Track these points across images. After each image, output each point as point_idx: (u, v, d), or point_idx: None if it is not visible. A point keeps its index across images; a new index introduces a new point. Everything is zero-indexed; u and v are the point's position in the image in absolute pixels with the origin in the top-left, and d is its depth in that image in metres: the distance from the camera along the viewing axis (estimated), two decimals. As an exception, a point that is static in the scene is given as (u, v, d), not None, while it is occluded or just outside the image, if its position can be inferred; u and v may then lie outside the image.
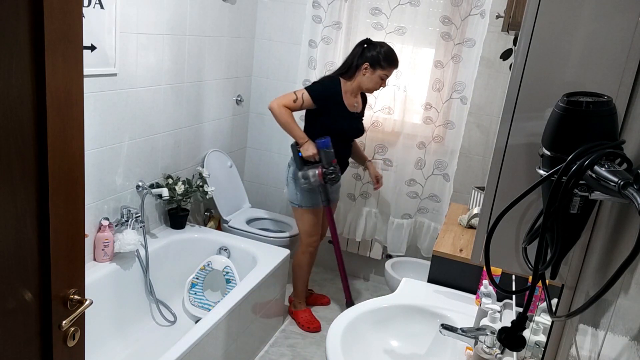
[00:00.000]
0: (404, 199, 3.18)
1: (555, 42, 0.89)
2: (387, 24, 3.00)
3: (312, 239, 2.87)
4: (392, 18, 2.99)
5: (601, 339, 0.75)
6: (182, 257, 2.77)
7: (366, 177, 3.22)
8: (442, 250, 2.08)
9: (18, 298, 0.98)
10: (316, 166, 2.65)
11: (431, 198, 3.16)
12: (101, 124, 2.27)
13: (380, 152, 3.18)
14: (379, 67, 2.60)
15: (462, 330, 1.46)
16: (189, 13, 2.71)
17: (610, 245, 0.81)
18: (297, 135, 2.64)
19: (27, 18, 0.89)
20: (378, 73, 2.61)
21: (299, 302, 3.03)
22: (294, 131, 2.62)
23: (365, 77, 2.62)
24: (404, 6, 2.94)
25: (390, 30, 3.00)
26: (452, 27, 2.87)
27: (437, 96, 3.00)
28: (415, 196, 3.16)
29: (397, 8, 2.96)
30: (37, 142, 0.95)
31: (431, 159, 3.09)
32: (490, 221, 0.99)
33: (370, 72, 2.61)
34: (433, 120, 3.04)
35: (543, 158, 0.84)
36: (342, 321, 1.66)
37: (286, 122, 2.59)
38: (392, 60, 2.61)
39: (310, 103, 2.60)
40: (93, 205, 2.31)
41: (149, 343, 2.45)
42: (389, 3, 2.97)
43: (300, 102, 2.59)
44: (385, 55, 2.59)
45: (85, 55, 1.64)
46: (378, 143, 3.17)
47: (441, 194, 3.12)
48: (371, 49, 2.61)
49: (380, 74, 2.61)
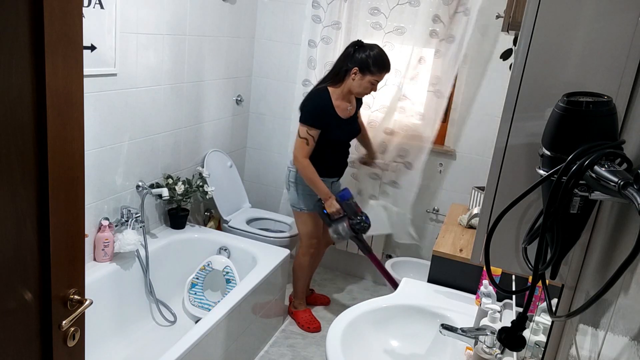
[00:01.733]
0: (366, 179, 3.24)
1: (555, 42, 0.89)
2: (385, 23, 3.01)
3: (313, 241, 2.87)
4: (391, 18, 2.99)
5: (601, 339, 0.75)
6: (182, 257, 2.77)
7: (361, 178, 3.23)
8: (442, 250, 2.08)
9: (18, 298, 0.98)
10: (343, 219, 2.64)
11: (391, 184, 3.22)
12: (101, 124, 2.27)
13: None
14: (368, 72, 2.51)
15: (462, 330, 1.46)
16: (189, 13, 2.72)
17: (610, 245, 0.81)
18: (320, 191, 2.63)
19: (27, 18, 0.89)
20: (368, 78, 2.52)
21: (299, 302, 3.03)
22: (318, 188, 2.62)
23: (355, 82, 2.53)
24: (403, 6, 2.95)
25: (389, 30, 3.01)
26: (441, 24, 2.91)
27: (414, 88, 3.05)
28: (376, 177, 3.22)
29: (396, 8, 2.97)
30: (37, 142, 0.95)
31: (394, 147, 3.12)
32: (490, 221, 0.99)
33: (360, 77, 2.52)
34: (406, 110, 3.09)
35: (543, 158, 0.84)
36: (342, 321, 1.66)
37: (310, 179, 2.61)
38: (382, 65, 2.52)
39: (317, 131, 2.56)
40: (93, 205, 2.31)
41: (149, 343, 2.45)
42: (388, 3, 2.98)
43: (312, 139, 2.56)
44: (375, 59, 2.49)
45: (85, 55, 1.64)
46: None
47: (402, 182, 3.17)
48: (361, 52, 2.51)
49: (370, 79, 2.52)
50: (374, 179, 3.22)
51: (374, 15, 3.03)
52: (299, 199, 2.77)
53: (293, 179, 2.77)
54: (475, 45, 2.97)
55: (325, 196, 2.62)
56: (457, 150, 3.16)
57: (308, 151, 2.58)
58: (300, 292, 3.01)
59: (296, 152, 2.60)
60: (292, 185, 2.78)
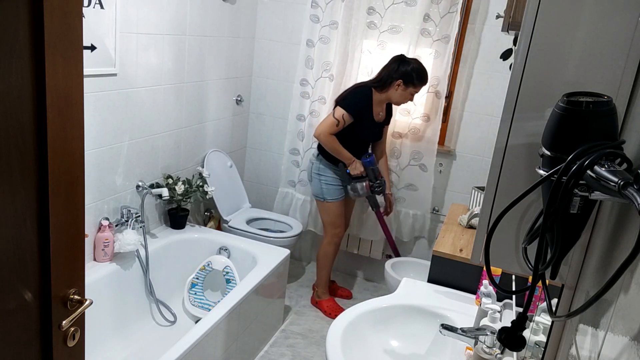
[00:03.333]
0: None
1: (555, 42, 0.89)
2: (380, 22, 3.02)
3: (337, 230, 3.05)
4: (386, 17, 3.01)
5: (601, 339, 0.75)
6: (182, 257, 2.77)
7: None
8: (442, 250, 2.08)
9: (18, 298, 0.98)
10: (363, 180, 2.89)
11: (408, 187, 3.23)
12: (101, 124, 2.27)
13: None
14: (411, 85, 2.73)
15: (462, 330, 1.46)
16: (189, 13, 2.71)
17: (610, 245, 0.81)
18: (345, 158, 2.84)
19: (27, 18, 0.89)
20: (410, 90, 2.75)
21: (323, 291, 3.16)
22: (342, 155, 2.84)
23: (397, 93, 2.77)
24: (398, 5, 2.97)
25: (384, 29, 3.02)
26: (431, 23, 2.93)
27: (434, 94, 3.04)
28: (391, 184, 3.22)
29: (391, 7, 2.99)
30: (37, 142, 0.95)
31: (407, 150, 3.16)
32: (490, 221, 0.99)
33: (403, 88, 2.74)
34: (410, 113, 3.11)
35: (543, 158, 0.84)
36: (342, 321, 1.66)
37: (333, 148, 2.82)
38: (423, 78, 2.75)
39: (350, 119, 2.77)
40: (93, 205, 2.31)
41: (149, 343, 2.45)
42: (383, 2, 2.99)
43: (342, 123, 2.77)
44: (418, 73, 2.72)
45: (85, 55, 1.64)
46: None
47: (418, 184, 3.19)
48: (405, 66, 2.73)
49: (411, 91, 2.76)
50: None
51: (369, 15, 3.04)
52: (322, 190, 2.96)
53: (317, 171, 2.96)
54: (475, 45, 2.97)
55: (349, 160, 2.85)
56: (457, 150, 3.16)
57: (334, 132, 2.79)
58: (324, 281, 3.14)
59: (323, 128, 2.80)
60: (315, 176, 2.97)
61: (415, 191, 3.23)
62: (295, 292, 3.32)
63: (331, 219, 3.02)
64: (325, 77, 3.20)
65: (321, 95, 3.23)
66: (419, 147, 3.14)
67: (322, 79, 3.21)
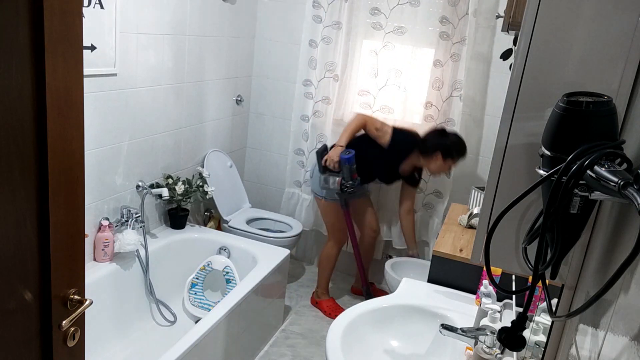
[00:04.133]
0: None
1: (555, 42, 0.89)
2: (386, 23, 3.01)
3: (339, 233, 3.07)
4: (391, 18, 3.00)
5: (601, 339, 0.75)
6: (182, 257, 2.77)
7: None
8: (442, 250, 2.08)
9: (18, 298, 0.98)
10: (337, 175, 2.83)
11: (435, 194, 3.21)
12: (101, 124, 2.27)
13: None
14: (449, 158, 2.75)
15: (462, 330, 1.46)
16: (189, 13, 2.71)
17: (610, 245, 0.81)
18: (342, 138, 2.81)
19: (27, 18, 0.89)
20: (448, 163, 2.77)
21: (322, 292, 3.17)
22: (344, 134, 2.80)
23: (436, 164, 2.78)
24: (403, 6, 2.95)
25: (389, 30, 3.01)
26: (450, 26, 2.90)
27: (437, 94, 3.02)
28: (419, 191, 3.19)
29: (396, 8, 2.97)
30: (37, 142, 0.95)
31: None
32: (490, 221, 0.99)
33: (442, 161, 2.75)
34: (434, 118, 3.06)
35: (543, 158, 0.84)
36: (342, 321, 1.66)
37: (349, 125, 2.81)
38: (462, 153, 2.77)
39: (385, 143, 2.79)
40: (93, 205, 2.31)
41: (149, 343, 2.45)
42: (388, 3, 2.98)
43: (380, 134, 2.79)
44: (458, 149, 2.74)
45: (85, 55, 1.64)
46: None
47: (444, 191, 3.19)
48: (445, 139, 2.74)
49: (449, 164, 2.78)
50: (417, 193, 3.21)
51: (374, 15, 3.03)
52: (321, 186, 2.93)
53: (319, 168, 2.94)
54: (475, 45, 2.97)
55: (337, 144, 2.81)
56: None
57: (367, 129, 2.81)
58: (324, 282, 3.15)
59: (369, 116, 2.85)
60: (315, 172, 2.97)
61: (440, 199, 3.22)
62: (295, 292, 3.32)
63: (330, 220, 3.02)
64: (329, 78, 3.20)
65: (325, 95, 3.23)
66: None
67: (326, 79, 3.21)
